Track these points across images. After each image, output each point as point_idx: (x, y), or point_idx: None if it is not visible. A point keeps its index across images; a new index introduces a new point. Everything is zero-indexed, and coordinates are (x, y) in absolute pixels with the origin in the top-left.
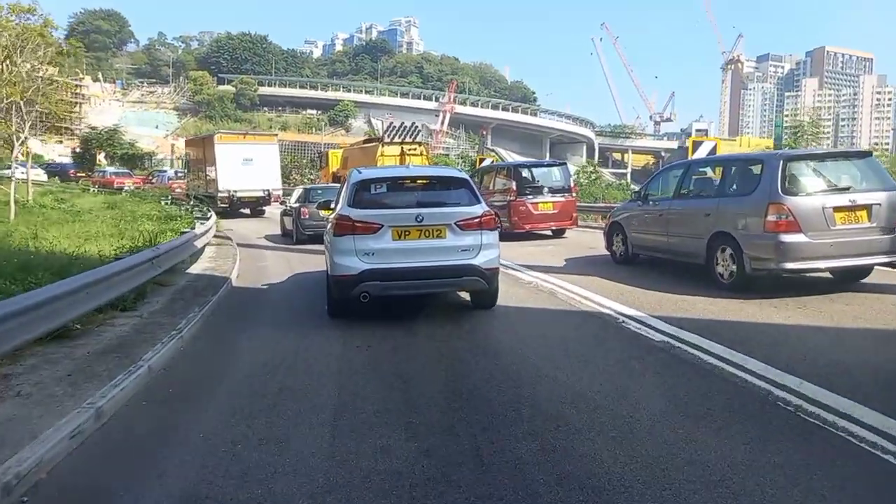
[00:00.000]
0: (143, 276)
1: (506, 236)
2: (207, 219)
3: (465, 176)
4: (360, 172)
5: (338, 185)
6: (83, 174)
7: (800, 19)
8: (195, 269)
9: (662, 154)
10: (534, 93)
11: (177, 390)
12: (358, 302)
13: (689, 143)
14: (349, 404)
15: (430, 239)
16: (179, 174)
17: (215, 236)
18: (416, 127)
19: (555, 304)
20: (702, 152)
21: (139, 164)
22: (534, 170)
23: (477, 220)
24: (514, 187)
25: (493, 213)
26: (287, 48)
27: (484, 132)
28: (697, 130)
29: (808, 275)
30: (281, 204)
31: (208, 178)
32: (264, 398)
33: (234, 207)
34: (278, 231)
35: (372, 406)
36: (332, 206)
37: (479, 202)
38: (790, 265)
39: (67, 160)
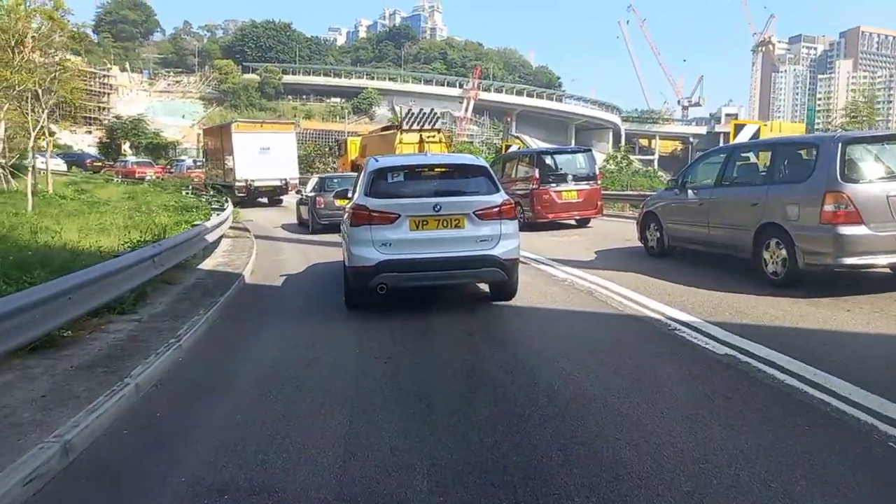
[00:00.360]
0: (142, 276)
1: (528, 226)
2: (223, 210)
3: (484, 164)
4: (376, 161)
5: (354, 173)
6: (101, 164)
7: None
8: (207, 264)
9: (691, 140)
10: (559, 78)
11: (165, 414)
12: (375, 293)
13: (730, 127)
14: (362, 437)
15: (449, 229)
16: (198, 163)
17: (233, 228)
18: (435, 113)
19: (595, 305)
20: (744, 136)
21: (164, 154)
22: (557, 157)
23: (497, 210)
24: (537, 175)
25: (512, 202)
26: (311, 35)
27: (508, 119)
28: (727, 115)
29: (865, 271)
30: (297, 193)
31: (226, 167)
32: (263, 427)
33: (251, 196)
34: (294, 220)
35: (388, 441)
36: (349, 195)
37: (498, 191)
38: (849, 260)
39: (94, 150)
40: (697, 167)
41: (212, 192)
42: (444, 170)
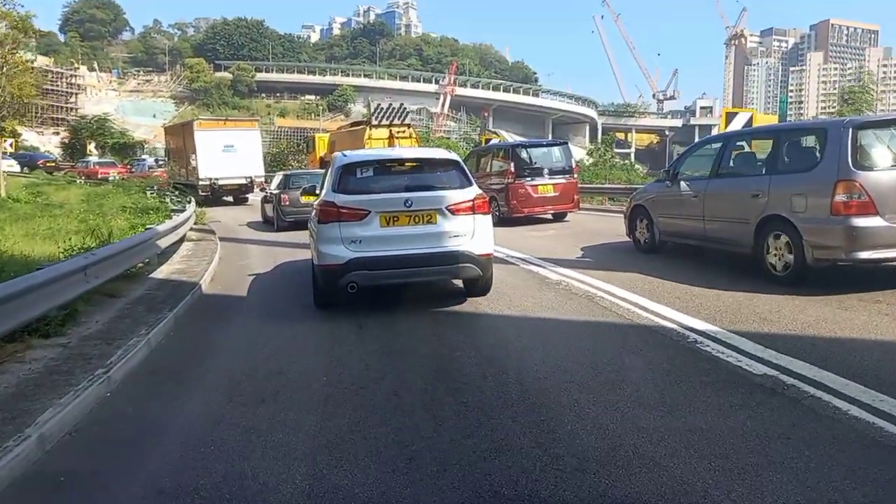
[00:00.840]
0: (70, 292)
1: (504, 221)
2: (184, 210)
3: (456, 157)
4: (344, 156)
5: (322, 170)
6: (53, 164)
7: None
8: (162, 271)
9: (666, 133)
10: (535, 73)
11: (71, 481)
12: (345, 292)
13: (712, 118)
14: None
15: (421, 225)
16: (160, 162)
17: (196, 230)
18: (405, 109)
19: (598, 313)
20: (736, 124)
21: (131, 154)
22: (533, 150)
23: (470, 204)
24: (513, 169)
25: (486, 196)
26: (284, 33)
27: (486, 114)
28: (702, 108)
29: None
30: (261, 190)
31: (189, 166)
32: (195, 497)
33: (215, 196)
34: (259, 218)
35: None
36: (317, 191)
37: (471, 185)
38: (863, 254)
39: (58, 151)
40: (689, 158)
41: (176, 193)
42: (414, 164)
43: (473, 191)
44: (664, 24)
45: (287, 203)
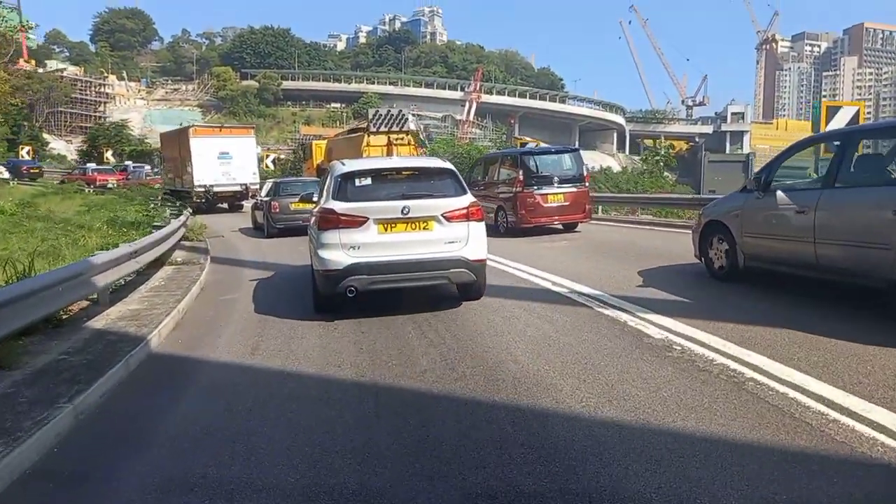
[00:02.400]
0: None
1: (512, 232)
2: (165, 225)
3: (451, 167)
4: (343, 165)
5: (316, 178)
6: (37, 170)
7: None
8: (108, 316)
9: (696, 139)
10: (561, 79)
11: None
12: (345, 297)
13: (822, 109)
14: None
15: (417, 231)
16: (157, 170)
17: (186, 247)
18: (404, 115)
19: (778, 425)
20: (839, 121)
21: (150, 161)
22: (542, 157)
23: (464, 212)
24: (521, 177)
25: (479, 204)
26: (310, 41)
27: (512, 121)
28: (733, 114)
29: None
30: (252, 197)
31: (184, 173)
32: None
33: (210, 203)
34: (251, 225)
35: None
36: (315, 199)
37: (465, 193)
38: None
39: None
40: (787, 162)
41: (177, 203)
42: (411, 173)
43: (467, 199)
44: (693, 29)
45: (277, 210)
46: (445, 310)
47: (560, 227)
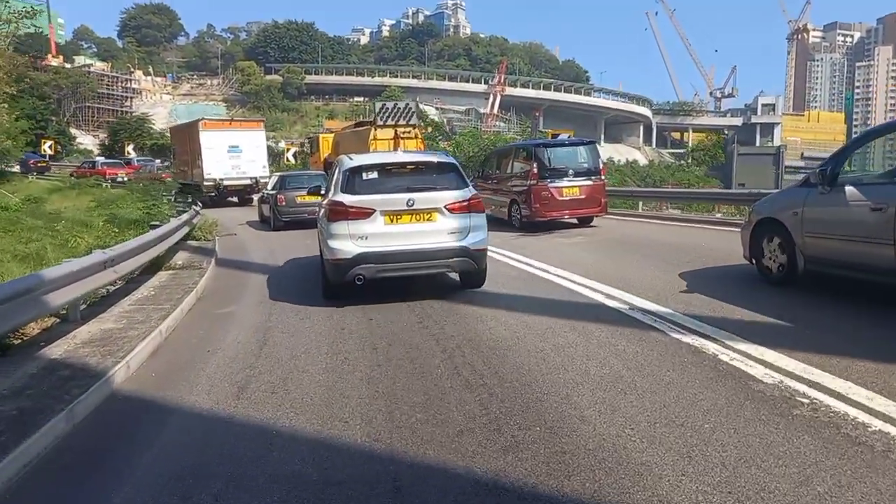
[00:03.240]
0: None
1: (525, 226)
2: (162, 224)
3: (453, 161)
4: (351, 159)
5: (321, 171)
6: (44, 164)
7: None
8: (74, 338)
9: (725, 132)
10: (586, 72)
11: None
12: (353, 284)
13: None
14: None
15: (421, 222)
16: (168, 164)
17: (192, 247)
18: (410, 108)
19: None
20: None
21: (170, 155)
22: (557, 150)
23: (466, 204)
24: (535, 170)
25: (480, 196)
26: (334, 35)
27: (537, 114)
28: (764, 105)
29: None
30: (258, 191)
31: (194, 167)
32: None
33: (220, 196)
34: (257, 218)
35: None
36: (322, 192)
37: (466, 186)
38: None
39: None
40: (858, 152)
41: (187, 199)
42: (415, 167)
43: (469, 191)
44: (721, 20)
45: (283, 203)
46: (482, 335)
47: (574, 221)
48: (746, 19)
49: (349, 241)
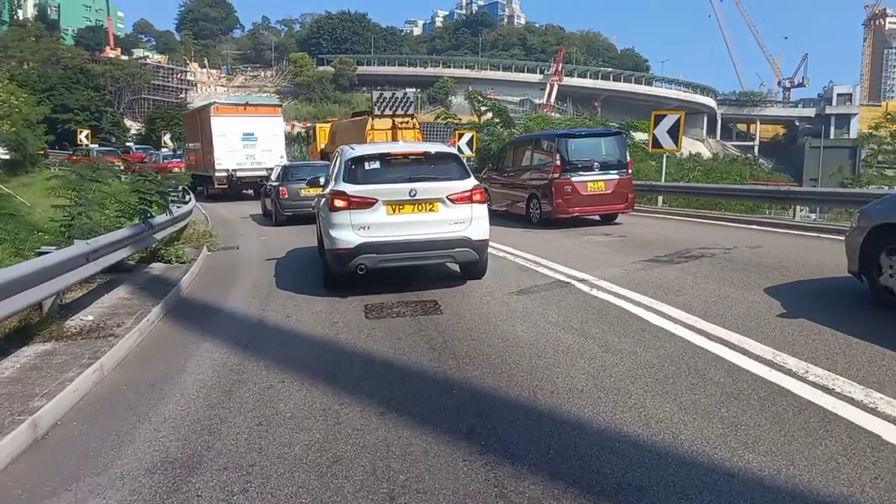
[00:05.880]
0: None
1: (544, 223)
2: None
3: (455, 151)
4: (353, 149)
5: (320, 161)
6: (42, 151)
7: None
8: None
9: (796, 123)
10: (646, 61)
11: None
12: (354, 274)
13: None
14: None
15: (423, 212)
16: (179, 153)
17: (149, 276)
18: (409, 98)
19: None
20: None
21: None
22: (581, 140)
23: (468, 194)
24: (558, 162)
25: (482, 187)
26: (386, 26)
27: (595, 103)
28: (839, 95)
29: None
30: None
31: (205, 155)
32: None
33: (233, 188)
34: (261, 211)
35: None
36: (323, 182)
37: (469, 176)
38: None
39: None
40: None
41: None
42: (417, 157)
43: (471, 182)
44: (790, 4)
45: (286, 196)
46: None
47: (597, 217)
48: (817, 4)
49: (351, 231)
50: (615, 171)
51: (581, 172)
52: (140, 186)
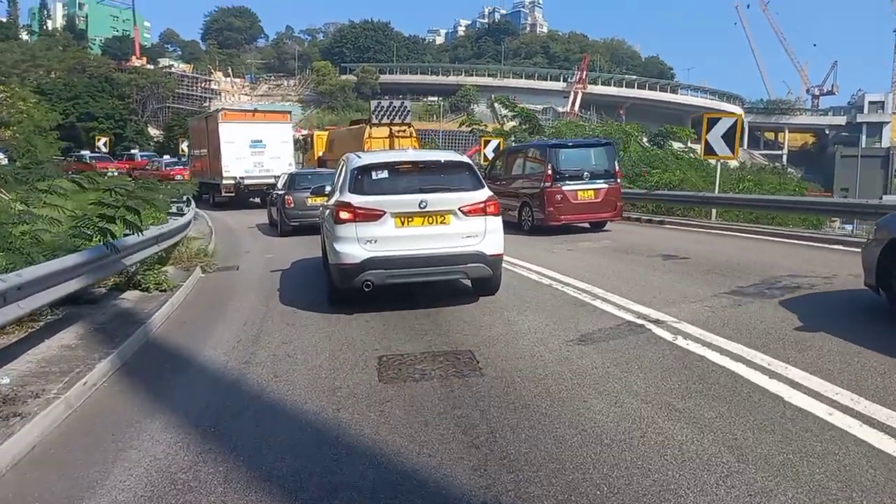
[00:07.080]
0: None
1: (535, 231)
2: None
3: (468, 160)
4: (359, 157)
5: (324, 169)
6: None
7: None
8: None
9: (827, 132)
10: (671, 68)
11: None
12: (360, 290)
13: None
14: None
15: (434, 225)
16: (183, 160)
17: (118, 309)
18: (406, 107)
19: None
20: None
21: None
22: (572, 150)
23: (481, 206)
24: (550, 171)
25: (497, 198)
26: (409, 35)
27: (620, 111)
28: (871, 103)
29: None
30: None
31: (212, 162)
32: None
33: (241, 196)
34: (266, 220)
35: None
36: (327, 192)
37: (482, 187)
38: None
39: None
40: None
41: (184, 209)
42: (427, 166)
43: (485, 192)
44: (817, 11)
45: (292, 205)
46: None
47: (587, 225)
48: (845, 11)
49: (357, 245)
50: (603, 181)
51: (571, 182)
52: (104, 198)
